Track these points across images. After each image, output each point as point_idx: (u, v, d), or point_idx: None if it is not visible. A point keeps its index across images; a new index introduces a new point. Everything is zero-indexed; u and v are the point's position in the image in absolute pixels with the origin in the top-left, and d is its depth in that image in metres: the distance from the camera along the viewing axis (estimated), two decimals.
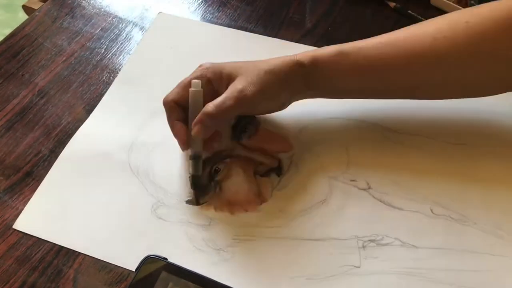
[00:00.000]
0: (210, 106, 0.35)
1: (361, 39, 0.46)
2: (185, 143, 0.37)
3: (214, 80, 0.37)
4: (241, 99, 0.35)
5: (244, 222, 0.37)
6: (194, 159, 0.37)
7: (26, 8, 0.73)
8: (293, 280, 0.34)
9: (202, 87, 0.37)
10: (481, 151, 0.39)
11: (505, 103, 0.41)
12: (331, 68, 0.36)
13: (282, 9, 0.51)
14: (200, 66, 0.38)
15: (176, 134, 0.37)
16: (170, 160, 0.40)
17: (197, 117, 0.36)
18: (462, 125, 0.41)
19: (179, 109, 0.37)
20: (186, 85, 0.37)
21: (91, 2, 0.54)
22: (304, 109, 0.42)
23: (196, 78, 0.37)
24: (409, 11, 0.49)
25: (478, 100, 0.38)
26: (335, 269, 0.34)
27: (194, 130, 0.35)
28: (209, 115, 0.35)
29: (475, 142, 0.40)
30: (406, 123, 0.41)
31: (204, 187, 0.38)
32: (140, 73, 0.47)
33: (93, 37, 0.50)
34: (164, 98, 0.38)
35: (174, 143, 0.39)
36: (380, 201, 0.37)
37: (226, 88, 0.36)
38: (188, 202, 0.38)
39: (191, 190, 0.38)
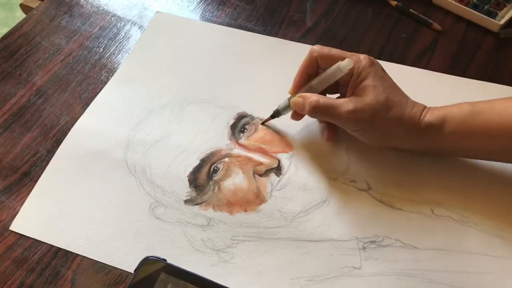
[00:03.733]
0: (321, 102, 0.35)
1: (362, 38, 0.46)
2: (294, 89, 0.39)
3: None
4: (352, 120, 0.35)
5: (243, 222, 0.36)
6: (289, 102, 0.39)
7: (23, 7, 0.73)
8: (293, 281, 0.34)
9: (347, 71, 0.35)
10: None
11: None
12: (460, 129, 0.34)
13: (282, 8, 0.51)
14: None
15: (295, 77, 0.39)
16: (167, 159, 0.40)
17: (309, 96, 0.36)
18: None
19: (315, 64, 0.38)
20: (338, 57, 0.36)
21: (89, 0, 0.53)
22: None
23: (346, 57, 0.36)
24: (411, 10, 0.49)
25: None
26: (335, 271, 0.34)
27: (295, 100, 0.37)
28: (314, 107, 0.36)
29: None
30: None
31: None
32: (137, 71, 0.47)
33: (91, 36, 0.50)
34: (313, 48, 0.37)
35: (171, 141, 0.38)
36: (381, 202, 0.37)
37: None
38: (186, 202, 0.38)
39: (189, 189, 0.38)
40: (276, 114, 0.41)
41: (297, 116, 0.40)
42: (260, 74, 0.46)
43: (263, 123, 0.41)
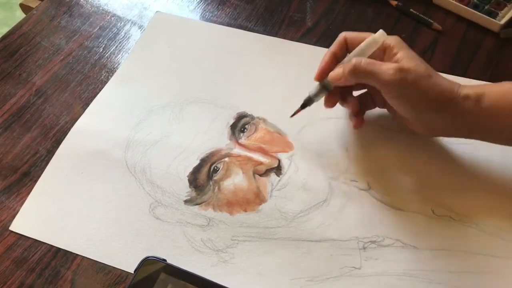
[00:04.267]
0: (364, 61, 0.34)
1: None
2: (319, 75, 0.37)
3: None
4: (397, 80, 0.33)
5: (243, 222, 0.36)
6: (322, 86, 0.37)
7: (23, 7, 0.73)
8: (293, 281, 0.34)
9: (381, 42, 0.35)
10: (482, 151, 0.39)
11: None
12: (499, 102, 0.33)
13: (282, 8, 0.51)
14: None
15: (321, 62, 0.37)
16: (167, 159, 0.40)
17: (347, 63, 0.35)
18: None
19: (344, 47, 0.37)
20: (365, 35, 0.36)
21: (89, 0, 0.53)
22: (304, 109, 0.42)
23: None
24: (411, 10, 0.49)
25: None
26: (336, 271, 0.34)
27: (334, 72, 0.36)
28: (355, 66, 0.34)
29: (476, 142, 0.39)
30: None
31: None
32: (137, 71, 0.47)
33: (91, 36, 0.50)
34: (343, 32, 0.37)
35: (171, 141, 0.38)
36: (381, 202, 0.37)
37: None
38: (186, 202, 0.38)
39: (189, 190, 0.38)
40: (308, 102, 0.38)
41: (330, 101, 0.38)
42: (260, 74, 0.46)
43: (292, 115, 0.39)
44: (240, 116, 0.42)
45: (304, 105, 0.39)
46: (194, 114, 0.43)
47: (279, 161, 0.39)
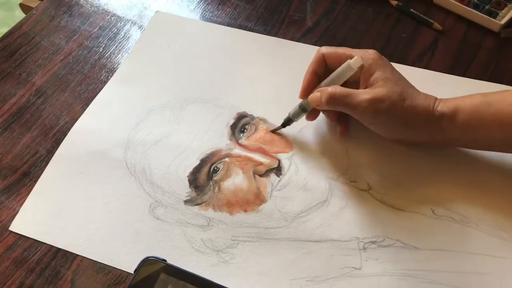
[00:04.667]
0: (338, 92, 0.35)
1: (363, 38, 0.45)
2: (302, 93, 0.39)
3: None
4: (370, 111, 0.34)
5: (243, 222, 0.36)
6: (300, 107, 0.39)
7: (23, 7, 0.73)
8: (293, 282, 0.34)
9: (357, 69, 0.36)
10: (482, 151, 0.39)
11: None
12: (472, 118, 0.34)
13: (282, 8, 0.51)
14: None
15: (303, 81, 0.39)
16: (167, 159, 0.40)
17: (325, 89, 0.36)
18: None
19: (322, 64, 0.38)
20: (345, 55, 0.37)
21: (89, 0, 0.53)
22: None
23: (355, 56, 0.36)
24: (412, 10, 0.49)
25: None
26: (336, 271, 0.34)
27: (313, 96, 0.37)
28: (330, 97, 0.35)
29: None
30: None
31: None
32: (137, 71, 0.47)
33: (91, 35, 0.50)
34: (320, 48, 0.38)
35: (171, 141, 0.38)
36: (381, 202, 0.37)
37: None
38: (186, 202, 0.38)
39: (189, 190, 0.38)
40: (287, 122, 0.40)
41: (311, 116, 0.40)
42: (260, 74, 0.46)
43: (273, 131, 0.41)
44: (240, 116, 0.42)
45: (284, 124, 0.40)
46: (194, 114, 0.43)
47: (279, 161, 0.39)
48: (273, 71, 0.46)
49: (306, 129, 0.41)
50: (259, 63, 0.46)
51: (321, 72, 0.38)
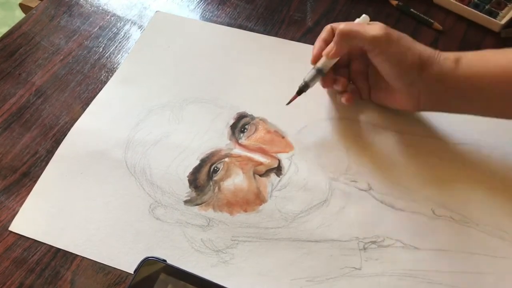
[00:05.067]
0: (351, 26, 0.37)
1: None
2: (315, 58, 0.40)
3: None
4: (383, 35, 0.35)
5: (243, 223, 0.36)
6: (317, 71, 0.39)
7: (23, 6, 0.73)
8: (293, 282, 0.34)
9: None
10: (483, 151, 0.39)
11: None
12: (477, 63, 0.35)
13: (282, 8, 0.51)
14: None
15: (313, 48, 0.40)
16: (167, 159, 0.40)
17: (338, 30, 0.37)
18: (464, 125, 0.40)
19: (331, 34, 0.39)
20: (353, 25, 0.38)
21: (89, 0, 0.53)
22: (304, 109, 0.42)
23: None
24: (412, 10, 0.49)
25: None
26: (336, 271, 0.34)
27: (327, 48, 0.38)
28: (344, 29, 0.36)
29: (477, 142, 0.39)
30: (407, 124, 0.41)
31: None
32: (137, 71, 0.46)
33: (91, 35, 0.50)
34: (327, 25, 0.40)
35: (171, 141, 0.38)
36: (381, 202, 0.37)
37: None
38: (186, 202, 0.38)
39: (189, 190, 0.38)
40: (304, 87, 0.40)
41: (326, 82, 0.40)
42: (260, 73, 0.46)
43: (289, 103, 0.41)
44: (240, 116, 0.42)
45: (300, 91, 0.40)
46: (194, 114, 0.43)
47: (279, 161, 0.39)
48: (273, 71, 0.46)
49: (306, 129, 0.41)
50: (259, 63, 0.46)
51: (330, 41, 0.39)
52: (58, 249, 0.36)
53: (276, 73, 0.45)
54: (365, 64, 0.40)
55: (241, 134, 0.41)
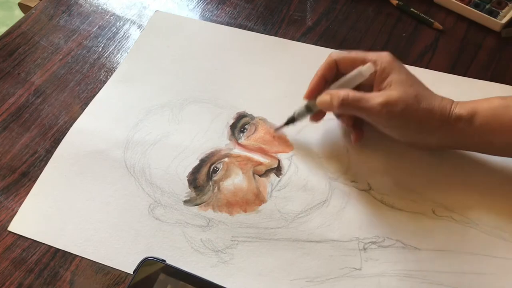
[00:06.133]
0: (351, 96, 0.35)
1: (363, 37, 0.45)
2: (308, 95, 0.38)
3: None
4: (384, 114, 0.34)
5: (243, 223, 0.36)
6: (306, 108, 0.38)
7: (22, 6, 0.73)
8: (293, 282, 0.33)
9: (368, 76, 0.35)
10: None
11: None
12: (491, 121, 0.33)
13: (282, 7, 0.51)
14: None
15: (310, 84, 0.38)
16: (166, 159, 0.40)
17: (335, 92, 0.36)
18: None
19: (333, 69, 0.38)
20: (358, 59, 0.36)
21: (88, 0, 0.53)
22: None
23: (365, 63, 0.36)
24: (412, 9, 0.49)
25: None
26: (336, 271, 0.34)
27: (321, 98, 0.37)
28: (343, 101, 0.35)
29: None
30: None
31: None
32: (137, 71, 0.46)
33: (90, 35, 0.50)
34: (332, 53, 0.38)
35: (171, 141, 0.38)
36: (381, 202, 0.37)
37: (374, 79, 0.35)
38: (186, 202, 0.38)
39: (189, 190, 0.38)
40: (291, 120, 0.39)
41: (317, 117, 0.39)
42: (260, 73, 0.45)
43: (276, 130, 0.40)
44: (240, 116, 0.42)
45: (288, 123, 0.40)
46: (193, 114, 0.43)
47: (279, 161, 0.39)
48: (273, 71, 0.46)
49: (306, 129, 0.41)
50: (259, 63, 0.46)
51: (330, 77, 0.38)
52: (57, 249, 0.36)
53: (276, 73, 0.45)
54: None
55: (241, 134, 0.41)
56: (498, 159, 0.38)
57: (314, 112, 0.38)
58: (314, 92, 0.38)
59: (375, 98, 0.34)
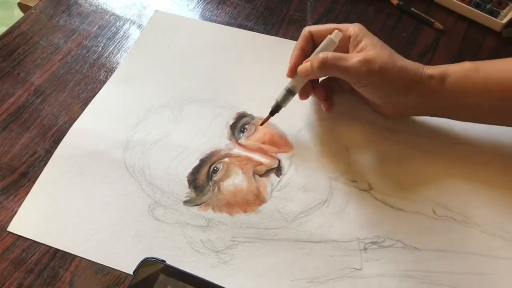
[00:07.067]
0: (330, 56, 0.35)
1: None
2: (291, 71, 0.39)
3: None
4: (364, 71, 0.34)
5: (243, 223, 0.36)
6: (288, 91, 0.39)
7: (21, 6, 0.72)
8: (293, 282, 0.33)
9: (338, 42, 0.37)
10: (484, 151, 0.39)
11: None
12: (462, 82, 0.35)
13: (282, 7, 0.51)
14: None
15: (290, 59, 0.39)
16: (166, 159, 0.40)
17: (312, 57, 0.37)
18: (465, 124, 0.40)
19: (309, 41, 0.39)
20: (331, 29, 0.38)
21: (88, 0, 0.53)
22: (304, 109, 0.42)
23: (335, 29, 0.37)
24: (412, 9, 0.49)
25: None
26: (336, 272, 0.34)
27: (302, 66, 0.37)
28: (322, 62, 0.35)
29: (477, 142, 0.39)
30: (407, 123, 0.41)
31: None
32: (136, 71, 0.46)
33: (90, 35, 0.50)
34: (307, 27, 0.39)
35: (170, 141, 0.38)
36: (382, 202, 0.37)
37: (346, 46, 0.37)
38: (186, 202, 0.37)
39: (189, 190, 0.38)
40: (276, 109, 0.39)
41: (303, 94, 0.40)
42: (260, 73, 0.45)
43: (262, 124, 0.40)
44: (240, 116, 0.42)
45: (272, 112, 0.40)
46: (193, 114, 0.43)
47: (279, 161, 0.39)
48: (273, 71, 0.45)
49: (306, 129, 0.41)
50: (259, 63, 0.46)
51: (308, 49, 0.39)
52: (57, 250, 0.36)
53: (276, 73, 0.45)
54: None
55: (241, 134, 0.41)
56: (499, 160, 0.38)
57: (297, 92, 0.39)
58: (296, 68, 0.38)
59: (354, 57, 0.35)
